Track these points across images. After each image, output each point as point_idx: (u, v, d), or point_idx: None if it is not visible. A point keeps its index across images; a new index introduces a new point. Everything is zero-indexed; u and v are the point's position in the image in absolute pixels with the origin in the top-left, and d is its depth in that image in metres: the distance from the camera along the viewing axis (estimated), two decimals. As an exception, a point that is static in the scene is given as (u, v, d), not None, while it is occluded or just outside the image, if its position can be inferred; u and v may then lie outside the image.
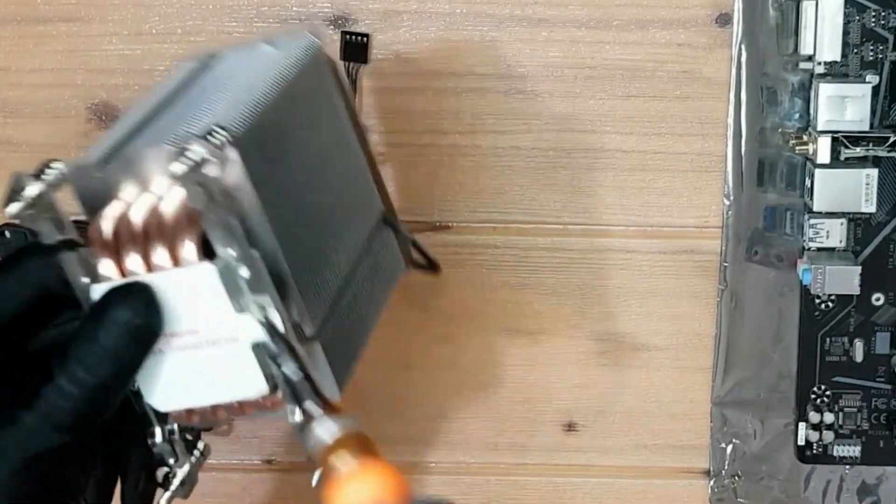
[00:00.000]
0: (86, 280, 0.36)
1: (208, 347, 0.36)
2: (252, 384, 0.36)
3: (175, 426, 0.40)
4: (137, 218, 0.36)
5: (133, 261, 0.36)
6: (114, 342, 0.35)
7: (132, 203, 0.36)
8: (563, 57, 0.52)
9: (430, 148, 0.54)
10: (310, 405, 0.36)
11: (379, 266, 0.46)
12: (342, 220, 0.44)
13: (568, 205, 0.54)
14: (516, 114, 0.53)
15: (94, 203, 0.36)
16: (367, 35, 0.52)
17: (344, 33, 0.52)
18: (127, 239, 0.36)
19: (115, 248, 0.36)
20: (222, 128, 0.35)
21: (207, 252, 0.35)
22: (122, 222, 0.36)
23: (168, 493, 0.41)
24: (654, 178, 0.54)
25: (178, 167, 0.34)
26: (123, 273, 0.36)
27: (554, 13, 0.52)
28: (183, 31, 0.52)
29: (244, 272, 0.35)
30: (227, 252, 0.35)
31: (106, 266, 0.36)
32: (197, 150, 0.34)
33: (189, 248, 0.35)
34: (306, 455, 0.35)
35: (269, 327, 0.35)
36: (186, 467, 0.41)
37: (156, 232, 0.36)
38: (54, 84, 0.53)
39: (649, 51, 0.52)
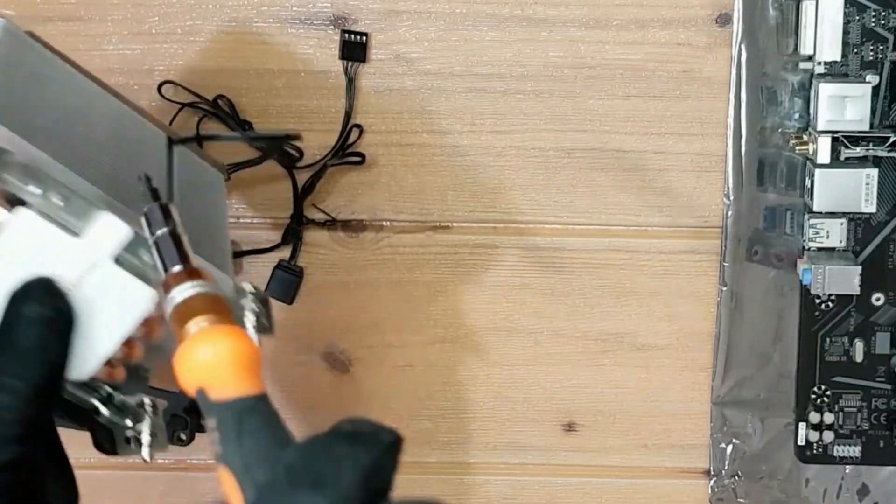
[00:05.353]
0: None
1: (79, 290, 0.35)
2: (139, 295, 0.35)
3: (109, 390, 0.39)
4: None
5: None
6: (33, 341, 0.34)
7: None
8: (563, 57, 0.52)
9: (430, 148, 0.54)
10: (172, 265, 0.34)
11: (195, 180, 0.46)
12: (125, 147, 0.43)
13: (568, 205, 0.54)
14: (516, 114, 0.53)
15: None
16: (365, 34, 0.52)
17: (343, 32, 0.52)
18: None
19: None
20: None
21: None
22: None
23: (145, 448, 0.39)
24: (654, 178, 0.54)
25: None
26: None
27: (554, 13, 0.52)
28: (183, 31, 0.52)
29: (57, 199, 0.34)
30: (31, 190, 0.34)
31: None
32: None
33: None
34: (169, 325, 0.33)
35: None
36: (148, 420, 0.39)
37: None
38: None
39: (649, 51, 0.52)
